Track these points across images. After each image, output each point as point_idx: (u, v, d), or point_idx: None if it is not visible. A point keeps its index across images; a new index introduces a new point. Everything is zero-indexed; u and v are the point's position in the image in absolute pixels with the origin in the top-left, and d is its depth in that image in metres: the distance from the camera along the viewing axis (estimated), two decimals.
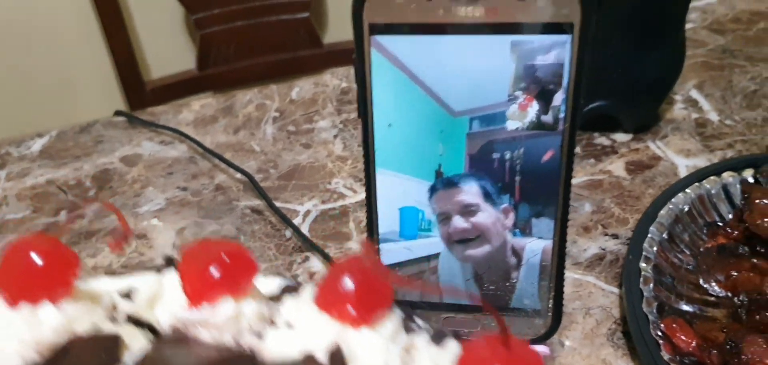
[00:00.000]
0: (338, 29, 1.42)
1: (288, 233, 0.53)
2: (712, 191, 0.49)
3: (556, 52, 0.29)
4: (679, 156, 0.56)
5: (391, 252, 0.35)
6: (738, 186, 0.49)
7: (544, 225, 0.33)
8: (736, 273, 0.42)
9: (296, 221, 0.54)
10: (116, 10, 1.19)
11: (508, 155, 0.32)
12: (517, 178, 0.32)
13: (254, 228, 0.53)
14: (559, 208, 0.33)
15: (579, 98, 0.30)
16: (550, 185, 0.32)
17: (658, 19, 0.53)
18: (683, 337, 0.39)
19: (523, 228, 0.33)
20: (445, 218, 0.34)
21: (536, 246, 0.34)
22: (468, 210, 0.33)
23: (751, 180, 0.49)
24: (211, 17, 1.23)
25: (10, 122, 1.33)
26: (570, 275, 0.47)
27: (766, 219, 0.44)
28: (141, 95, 1.26)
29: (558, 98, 0.30)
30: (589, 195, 0.53)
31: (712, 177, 0.50)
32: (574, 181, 0.47)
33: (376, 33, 0.30)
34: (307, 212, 0.54)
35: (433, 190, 0.33)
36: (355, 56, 0.31)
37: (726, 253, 0.43)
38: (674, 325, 0.39)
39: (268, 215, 0.55)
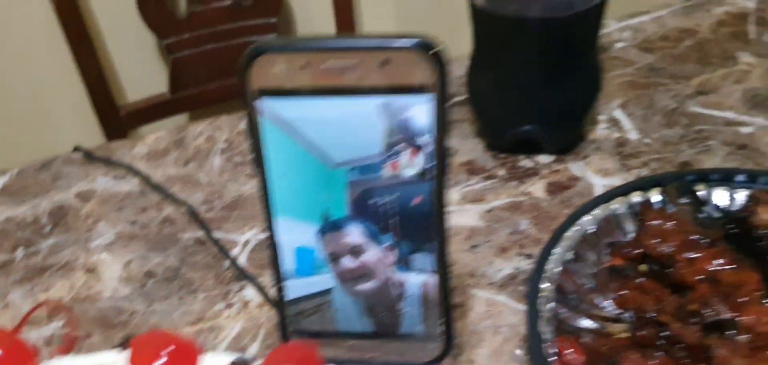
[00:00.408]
0: None
1: (227, 263, 0.56)
2: (619, 211, 0.52)
3: (418, 110, 0.33)
4: (597, 176, 0.59)
5: (293, 288, 0.39)
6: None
7: (425, 260, 0.37)
8: (624, 292, 0.45)
9: (236, 250, 0.57)
10: (86, 37, 1.22)
11: (384, 200, 0.35)
12: (395, 220, 0.36)
13: (196, 259, 0.57)
14: (437, 244, 0.37)
15: (444, 149, 0.34)
16: (427, 224, 0.36)
17: (568, 49, 0.56)
18: (571, 354, 0.42)
19: (404, 263, 0.37)
20: (335, 257, 0.37)
21: (418, 280, 0.37)
22: (355, 250, 0.37)
23: (658, 198, 0.53)
24: (181, 42, 1.26)
25: None
26: (483, 294, 0.50)
27: (657, 240, 0.47)
28: (115, 119, 1.30)
29: (426, 150, 0.34)
30: (509, 217, 0.57)
31: (620, 197, 0.53)
32: (496, 203, 0.51)
33: (261, 96, 0.34)
34: (247, 242, 0.58)
35: (321, 233, 0.37)
36: (247, 115, 0.35)
37: (616, 273, 0.47)
38: (564, 343, 0.43)
39: (210, 245, 0.58)
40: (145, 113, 1.32)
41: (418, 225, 0.36)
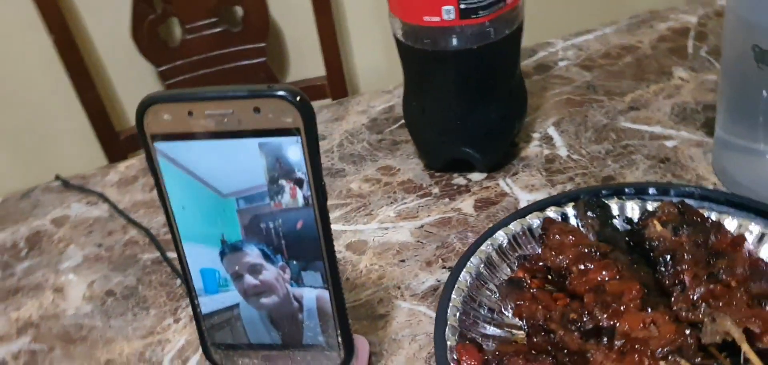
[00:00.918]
0: (299, 67, 1.51)
1: (179, 281, 0.61)
2: (533, 225, 0.56)
3: (292, 148, 0.38)
4: (523, 191, 0.63)
5: (204, 304, 0.44)
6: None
7: (315, 277, 0.42)
8: (520, 302, 0.49)
9: None
10: (84, 69, 1.29)
11: (271, 225, 0.40)
12: (283, 242, 0.40)
13: (152, 278, 0.62)
14: (325, 263, 0.41)
15: (319, 180, 0.39)
16: (313, 245, 0.41)
17: (486, 77, 0.60)
18: (467, 360, 0.46)
19: (297, 280, 0.42)
20: (237, 276, 0.42)
21: (311, 294, 0.42)
22: (254, 269, 0.41)
23: (571, 213, 0.57)
24: (175, 69, 1.33)
25: None
26: (406, 305, 0.55)
27: (555, 253, 0.51)
28: (115, 143, 1.37)
29: (303, 183, 0.39)
30: (437, 232, 0.61)
31: (536, 212, 0.57)
32: (427, 220, 0.55)
33: (156, 141, 0.39)
34: None
35: (221, 255, 0.42)
36: (146, 157, 0.40)
37: (513, 285, 0.51)
38: (463, 349, 0.47)
39: (166, 265, 0.63)
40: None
41: (306, 246, 0.40)
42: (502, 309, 0.51)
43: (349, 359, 0.45)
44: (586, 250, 0.51)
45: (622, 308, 0.46)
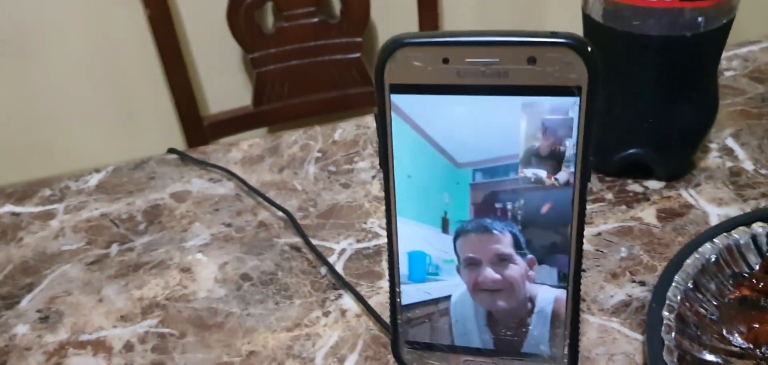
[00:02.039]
0: None
1: (323, 270, 0.55)
2: (741, 242, 0.49)
3: (565, 113, 0.31)
4: (711, 205, 0.56)
5: (408, 294, 0.37)
6: (766, 237, 0.49)
7: (551, 273, 0.35)
8: (757, 325, 0.42)
9: (332, 258, 0.56)
10: (176, 49, 1.24)
11: (510, 205, 0.33)
12: (519, 227, 0.34)
13: (292, 265, 0.56)
14: (572, 257, 0.34)
15: (588, 156, 0.32)
16: (558, 234, 0.34)
17: (688, 71, 0.53)
18: None
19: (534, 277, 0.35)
20: (472, 264, 0.35)
21: (549, 295, 0.35)
22: (501, 260, 0.35)
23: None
24: (267, 56, 1.27)
25: (71, 154, 1.39)
26: (595, 320, 0.48)
27: None
28: (198, 129, 1.32)
29: (568, 156, 0.32)
30: (618, 241, 0.54)
31: (741, 227, 0.50)
32: (604, 227, 0.49)
33: (395, 92, 0.33)
34: (343, 251, 0.57)
35: (457, 236, 0.35)
36: (377, 112, 0.33)
37: (748, 305, 0.44)
38: None
39: (306, 252, 0.57)
40: (227, 125, 1.33)
41: (548, 234, 0.34)
42: (725, 333, 0.44)
43: None
44: None
45: None
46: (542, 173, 0.33)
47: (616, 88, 0.55)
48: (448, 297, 0.37)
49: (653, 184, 0.59)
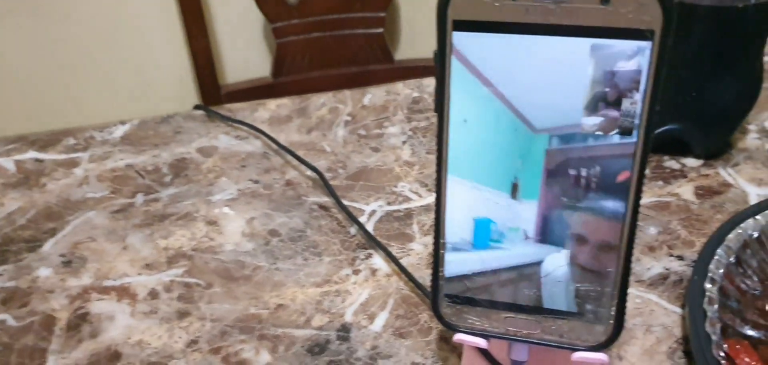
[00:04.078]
0: (409, 47, 1.44)
1: (353, 230, 0.54)
2: None
3: (635, 58, 0.30)
4: (750, 185, 0.55)
5: (457, 263, 0.36)
6: None
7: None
8: None
9: (361, 219, 0.55)
10: (200, 13, 1.23)
11: (585, 172, 0.32)
12: (593, 193, 0.33)
13: (321, 223, 0.55)
14: (627, 216, 0.33)
15: (655, 106, 0.31)
16: (616, 190, 0.33)
17: (735, 44, 0.52)
18: (747, 359, 0.39)
19: None
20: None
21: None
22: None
23: None
24: (289, 27, 1.26)
25: (91, 111, 1.39)
26: (632, 291, 0.47)
27: None
28: (215, 97, 1.31)
29: (634, 105, 0.31)
30: (655, 216, 0.53)
31: None
32: (641, 201, 0.47)
33: (458, 29, 0.31)
34: (373, 212, 0.56)
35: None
36: (436, 51, 0.32)
37: None
38: (738, 347, 0.39)
39: (335, 212, 0.56)
40: (244, 94, 1.32)
41: (606, 190, 0.33)
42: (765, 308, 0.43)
43: (616, 337, 0.37)
44: None
45: None
46: (606, 126, 0.31)
47: None
48: (507, 268, 0.36)
49: (690, 161, 0.58)
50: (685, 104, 0.55)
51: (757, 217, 0.48)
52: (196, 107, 0.72)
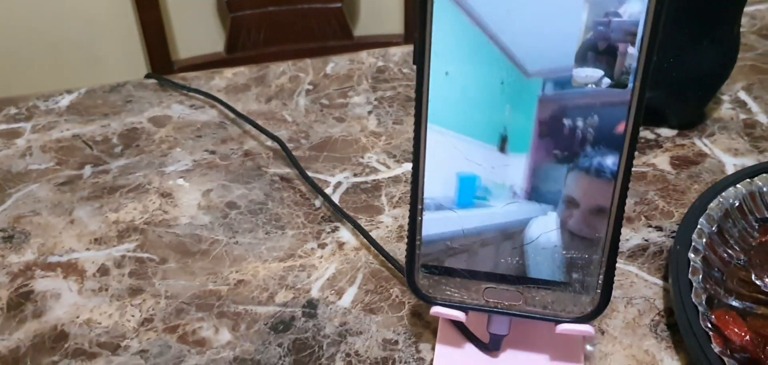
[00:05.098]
0: (369, 23, 1.41)
1: (318, 202, 0.51)
2: (764, 188, 0.47)
3: (631, 5, 0.28)
4: (726, 154, 0.54)
5: (437, 222, 0.33)
6: None
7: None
8: None
9: (327, 191, 0.52)
10: None
11: (579, 123, 0.30)
12: (586, 147, 0.30)
13: (283, 195, 0.52)
14: (618, 180, 0.31)
15: (652, 57, 0.29)
16: (607, 152, 0.31)
17: (714, 12, 0.51)
18: (736, 330, 0.37)
19: None
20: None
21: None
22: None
23: None
24: (243, 1, 1.22)
25: (34, 84, 1.32)
26: None
27: None
28: (167, 73, 1.26)
29: (630, 56, 0.29)
30: (632, 186, 0.51)
31: (763, 174, 0.48)
32: None
33: None
34: (338, 184, 0.53)
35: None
36: None
37: None
38: (727, 317, 0.37)
39: (298, 183, 0.53)
40: (198, 70, 1.27)
41: (607, 153, 0.30)
42: (754, 278, 0.41)
43: (605, 307, 0.35)
44: None
45: None
46: (600, 75, 0.29)
47: None
48: (489, 227, 0.33)
49: (665, 131, 0.56)
50: (662, 70, 0.53)
51: (738, 185, 0.47)
52: (148, 76, 0.68)
